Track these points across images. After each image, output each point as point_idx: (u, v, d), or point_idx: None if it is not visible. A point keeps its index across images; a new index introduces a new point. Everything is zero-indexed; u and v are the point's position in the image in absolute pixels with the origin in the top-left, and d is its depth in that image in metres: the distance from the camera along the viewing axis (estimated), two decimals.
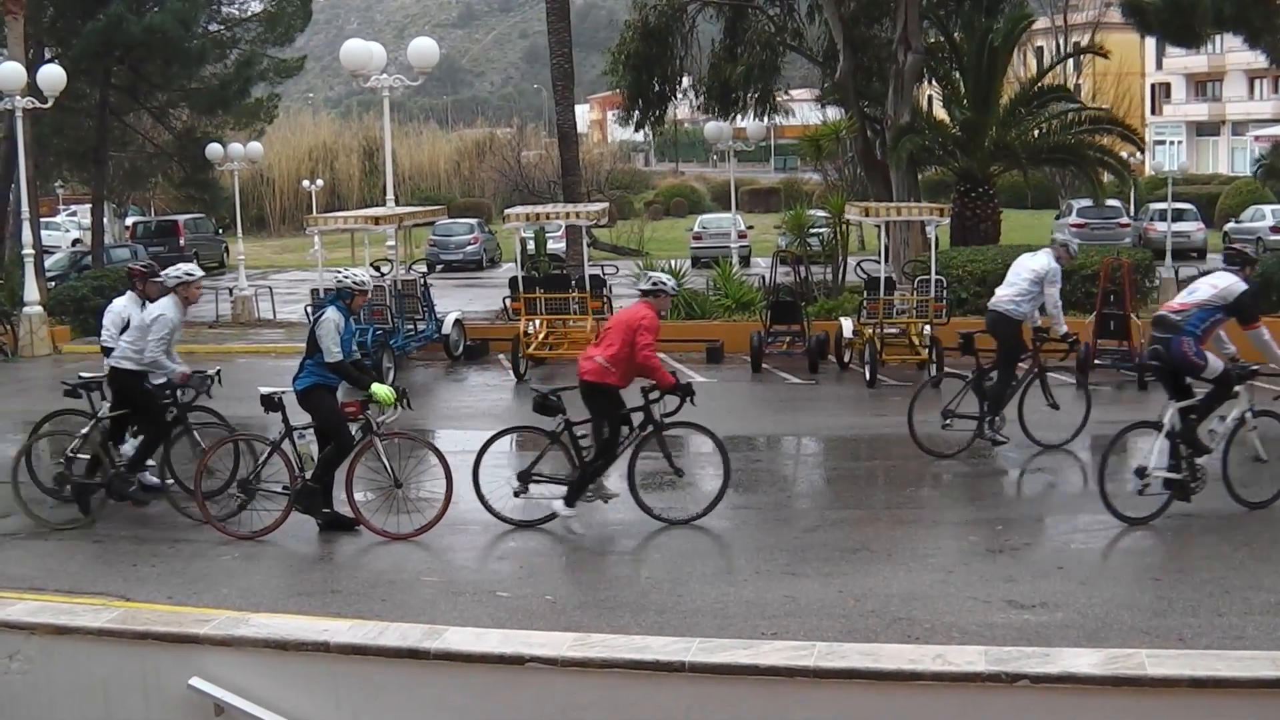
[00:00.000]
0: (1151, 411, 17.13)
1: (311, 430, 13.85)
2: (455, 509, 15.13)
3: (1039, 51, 61.27)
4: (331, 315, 13.48)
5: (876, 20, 37.61)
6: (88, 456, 14.34)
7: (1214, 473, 13.58)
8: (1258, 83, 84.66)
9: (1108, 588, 11.35)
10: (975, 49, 33.11)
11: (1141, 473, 13.13)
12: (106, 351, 15.27)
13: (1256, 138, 74.68)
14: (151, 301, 15.13)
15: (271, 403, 13.65)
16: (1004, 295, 17.07)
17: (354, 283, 13.88)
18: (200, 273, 15.10)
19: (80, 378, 15.04)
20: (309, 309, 21.05)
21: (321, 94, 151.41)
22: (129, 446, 15.09)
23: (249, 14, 44.18)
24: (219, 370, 15.37)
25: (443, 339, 26.00)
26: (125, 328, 15.08)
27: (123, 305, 15.41)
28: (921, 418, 16.35)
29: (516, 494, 13.75)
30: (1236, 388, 13.44)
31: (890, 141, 33.64)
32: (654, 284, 14.22)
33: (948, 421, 16.49)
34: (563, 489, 13.67)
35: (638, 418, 13.76)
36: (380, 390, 13.46)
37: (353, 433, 13.69)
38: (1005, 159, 33.83)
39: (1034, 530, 13.69)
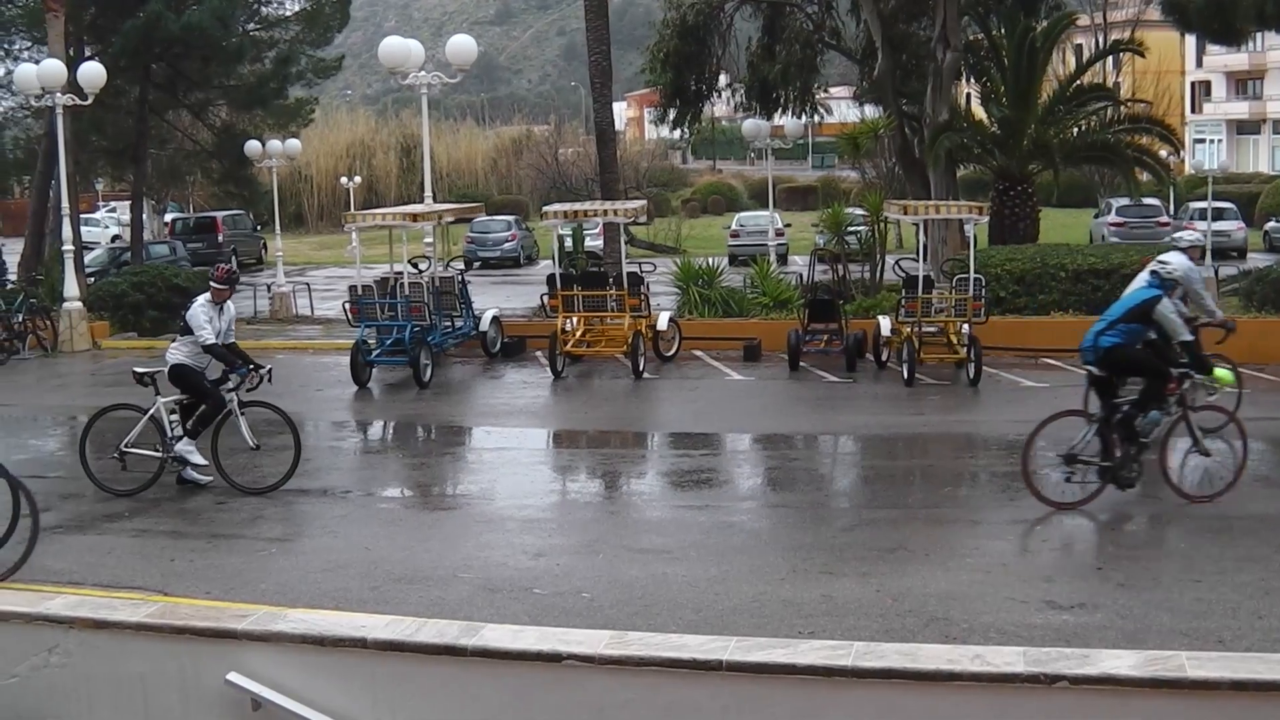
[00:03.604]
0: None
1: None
2: (491, 505, 15.25)
3: (1078, 49, 60.96)
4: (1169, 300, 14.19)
5: (915, 18, 37.56)
6: None
7: None
8: None
9: (1147, 589, 11.28)
10: (1015, 47, 33.02)
11: None
12: (210, 349, 15.48)
13: None
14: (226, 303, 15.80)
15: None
16: None
17: (1179, 276, 14.69)
18: None
19: (135, 372, 15.49)
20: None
21: (359, 91, 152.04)
22: (183, 445, 15.28)
23: (288, 13, 44.33)
24: (269, 368, 15.55)
25: (480, 336, 26.01)
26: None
27: (204, 302, 15.64)
28: None
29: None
30: None
31: (928, 139, 33.55)
32: None
33: None
34: None
35: None
36: (1222, 373, 14.25)
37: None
38: (1044, 157, 33.69)
39: (1072, 530, 13.61)
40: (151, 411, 15.36)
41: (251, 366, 15.45)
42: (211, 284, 15.90)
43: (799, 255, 41.49)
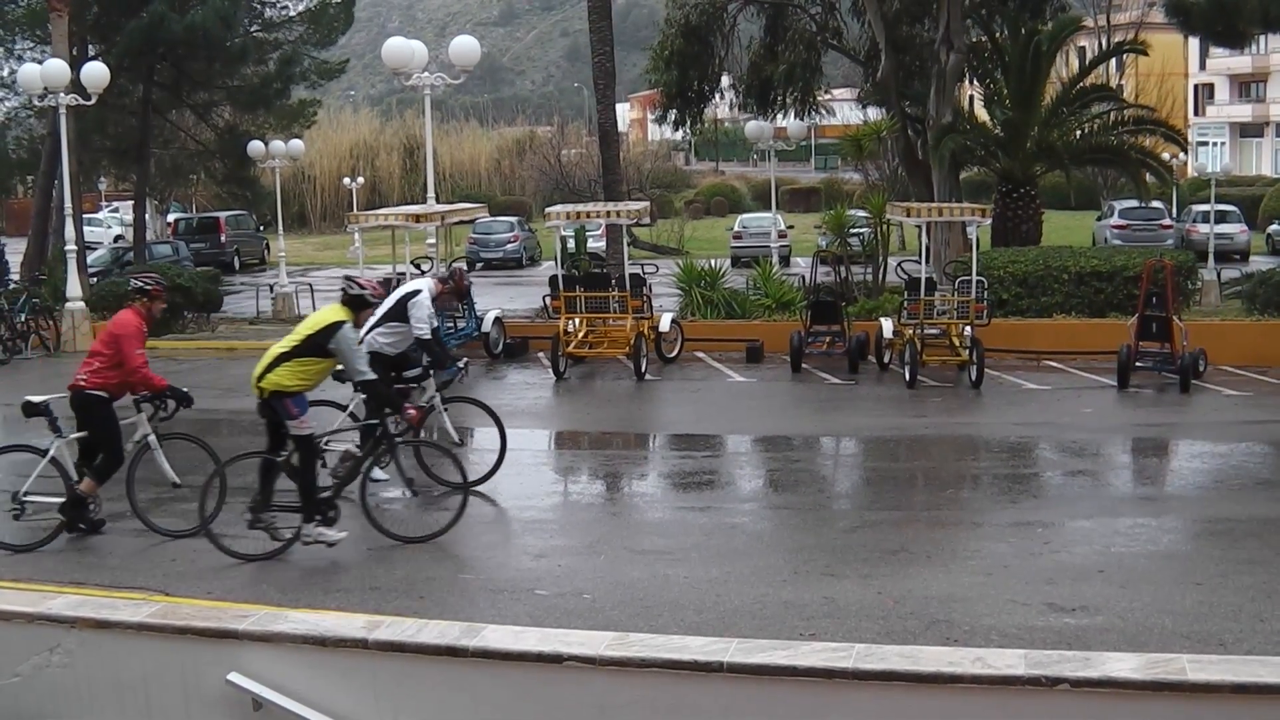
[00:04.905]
0: (1192, 413, 17.09)
1: None
2: (493, 506, 15.22)
3: (1081, 51, 60.87)
4: None
5: (918, 19, 37.52)
6: None
7: None
8: None
9: (1148, 592, 11.28)
10: (1019, 51, 33.04)
11: None
12: (425, 343, 15.67)
13: None
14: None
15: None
16: None
17: None
18: None
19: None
20: None
21: (363, 92, 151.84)
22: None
23: (292, 14, 44.39)
24: (466, 361, 15.76)
25: (482, 337, 25.99)
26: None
27: (429, 296, 15.89)
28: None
29: None
30: None
31: (932, 141, 33.53)
32: None
33: None
34: None
35: None
36: None
37: None
38: (1047, 159, 33.72)
39: (1074, 533, 13.60)
40: (351, 408, 15.62)
41: (460, 367, 15.72)
42: (445, 287, 16.50)
43: (801, 257, 41.44)
